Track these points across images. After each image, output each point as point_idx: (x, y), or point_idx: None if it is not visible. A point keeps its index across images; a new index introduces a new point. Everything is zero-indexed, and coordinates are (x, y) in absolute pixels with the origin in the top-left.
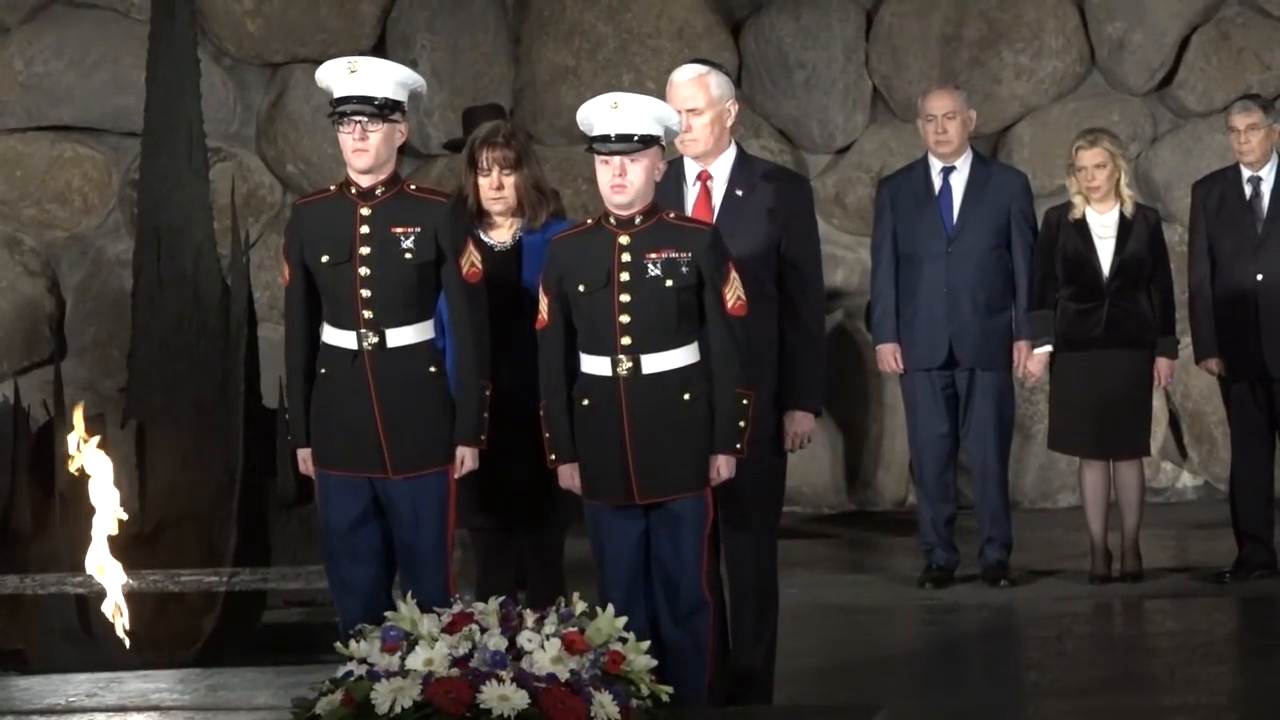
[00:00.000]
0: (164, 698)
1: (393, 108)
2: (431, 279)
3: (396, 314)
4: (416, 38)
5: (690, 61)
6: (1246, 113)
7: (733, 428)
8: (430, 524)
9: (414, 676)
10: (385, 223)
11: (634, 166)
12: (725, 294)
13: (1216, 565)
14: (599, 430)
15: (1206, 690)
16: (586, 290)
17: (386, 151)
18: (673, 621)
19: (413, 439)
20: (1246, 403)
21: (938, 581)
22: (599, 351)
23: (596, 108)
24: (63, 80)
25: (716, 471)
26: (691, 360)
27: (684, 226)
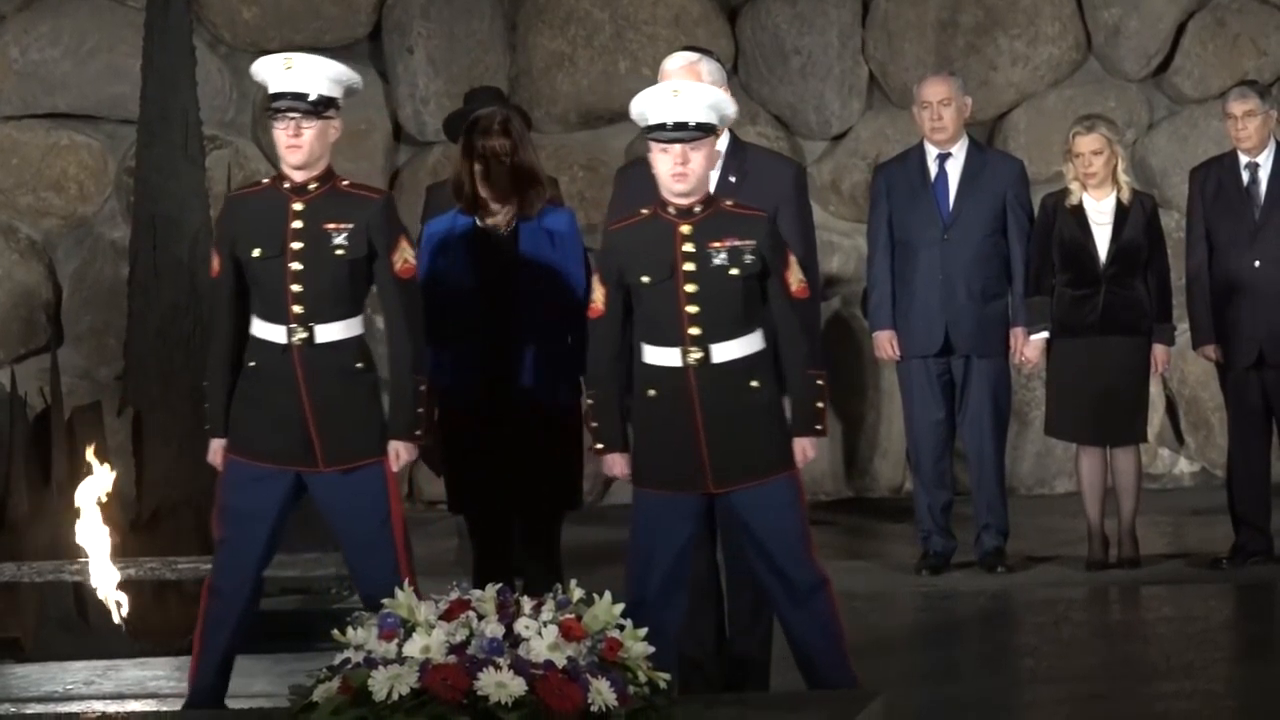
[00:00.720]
0: (161, 685)
1: (327, 104)
2: (363, 275)
3: (326, 310)
4: (412, 25)
5: (682, 49)
6: (1243, 99)
7: (811, 410)
8: (367, 513)
9: (411, 664)
10: (317, 218)
11: (695, 155)
12: (788, 278)
13: (1213, 551)
14: (668, 421)
15: (1203, 677)
16: (650, 282)
17: (320, 147)
18: (791, 603)
19: (343, 432)
20: (1243, 389)
21: (934, 568)
22: (666, 343)
23: (655, 96)
24: (58, 68)
25: (803, 455)
26: (758, 347)
27: (743, 214)
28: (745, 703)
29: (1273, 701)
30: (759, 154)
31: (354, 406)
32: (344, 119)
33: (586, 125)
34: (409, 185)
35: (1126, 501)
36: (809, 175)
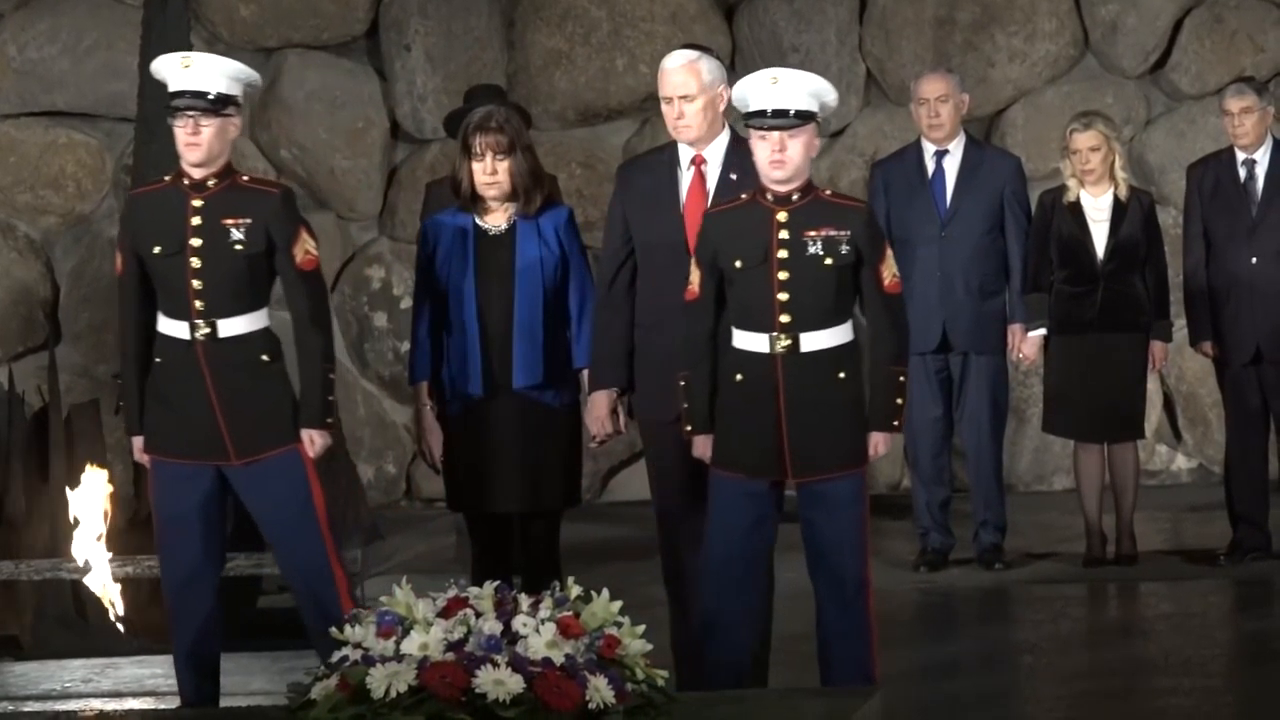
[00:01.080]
0: (159, 683)
1: (225, 102)
2: (264, 269)
3: (228, 304)
4: (409, 22)
5: (681, 47)
6: (1240, 96)
7: (890, 405)
8: (285, 502)
9: (409, 661)
10: (216, 214)
11: (793, 142)
12: (883, 271)
13: (1211, 548)
14: (751, 406)
15: (1201, 673)
16: (744, 266)
17: (219, 145)
18: (837, 601)
19: (252, 425)
20: (1241, 386)
21: (932, 565)
22: (756, 328)
23: (755, 83)
24: (56, 66)
25: (875, 449)
26: (847, 339)
27: (841, 204)
28: (743, 699)
29: (1271, 698)
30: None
31: (262, 398)
32: (342, 116)
33: (584, 122)
34: (407, 182)
35: (1124, 498)
36: None
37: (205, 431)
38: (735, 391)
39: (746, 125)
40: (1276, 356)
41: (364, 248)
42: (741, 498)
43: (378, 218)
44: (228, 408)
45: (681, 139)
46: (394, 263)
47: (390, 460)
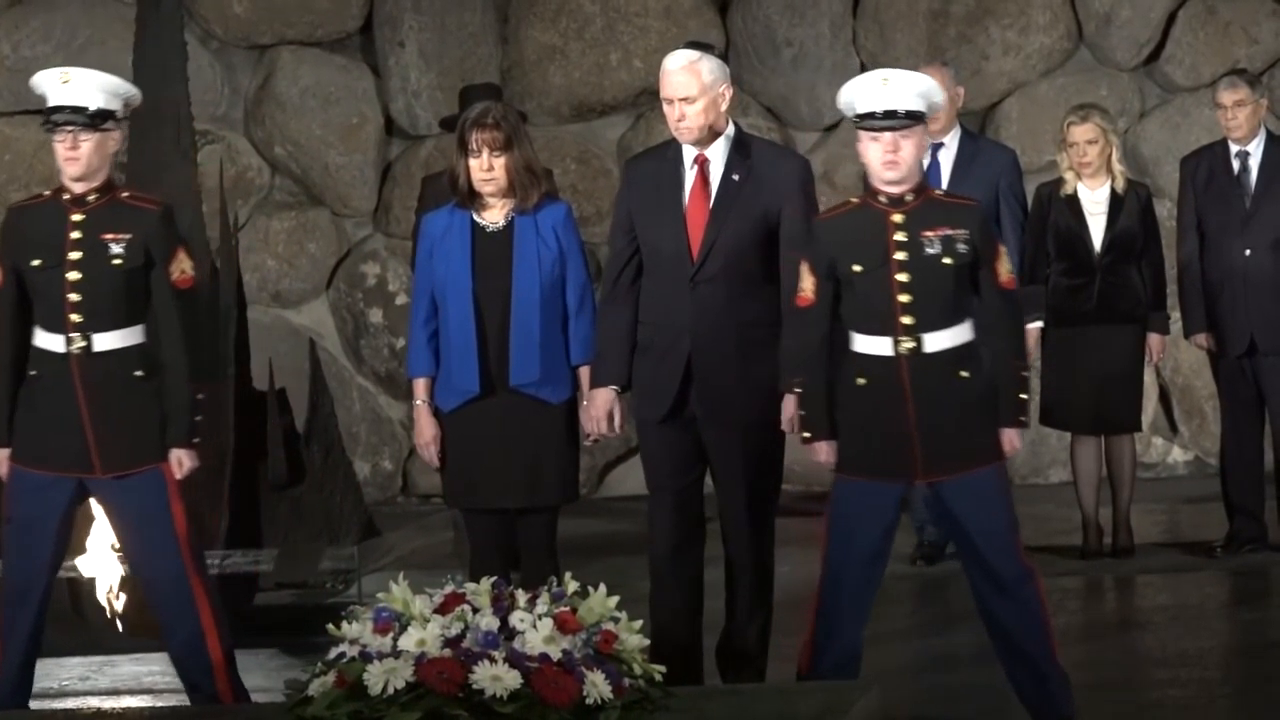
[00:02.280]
0: (157, 681)
1: (104, 117)
2: (141, 285)
3: (104, 319)
4: (403, 18)
5: (683, 46)
6: (1233, 89)
7: (1016, 401)
8: (147, 518)
9: (406, 657)
10: (96, 229)
11: (906, 143)
12: (998, 268)
13: (1207, 539)
14: (877, 410)
15: (1198, 665)
16: (863, 270)
17: (99, 159)
18: (997, 594)
19: (121, 439)
20: (1236, 377)
21: (929, 558)
22: (877, 332)
23: (863, 85)
24: (50, 63)
25: (1010, 444)
26: (968, 338)
27: (954, 203)
28: (740, 694)
29: (1268, 689)
30: (763, 149)
31: (133, 414)
32: (336, 112)
33: (579, 118)
34: (402, 179)
35: (1121, 490)
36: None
37: (73, 443)
38: (859, 396)
39: (856, 128)
40: (1271, 348)
41: (359, 244)
42: (867, 501)
43: (373, 214)
44: (98, 421)
45: (683, 140)
46: (389, 259)
47: (386, 456)
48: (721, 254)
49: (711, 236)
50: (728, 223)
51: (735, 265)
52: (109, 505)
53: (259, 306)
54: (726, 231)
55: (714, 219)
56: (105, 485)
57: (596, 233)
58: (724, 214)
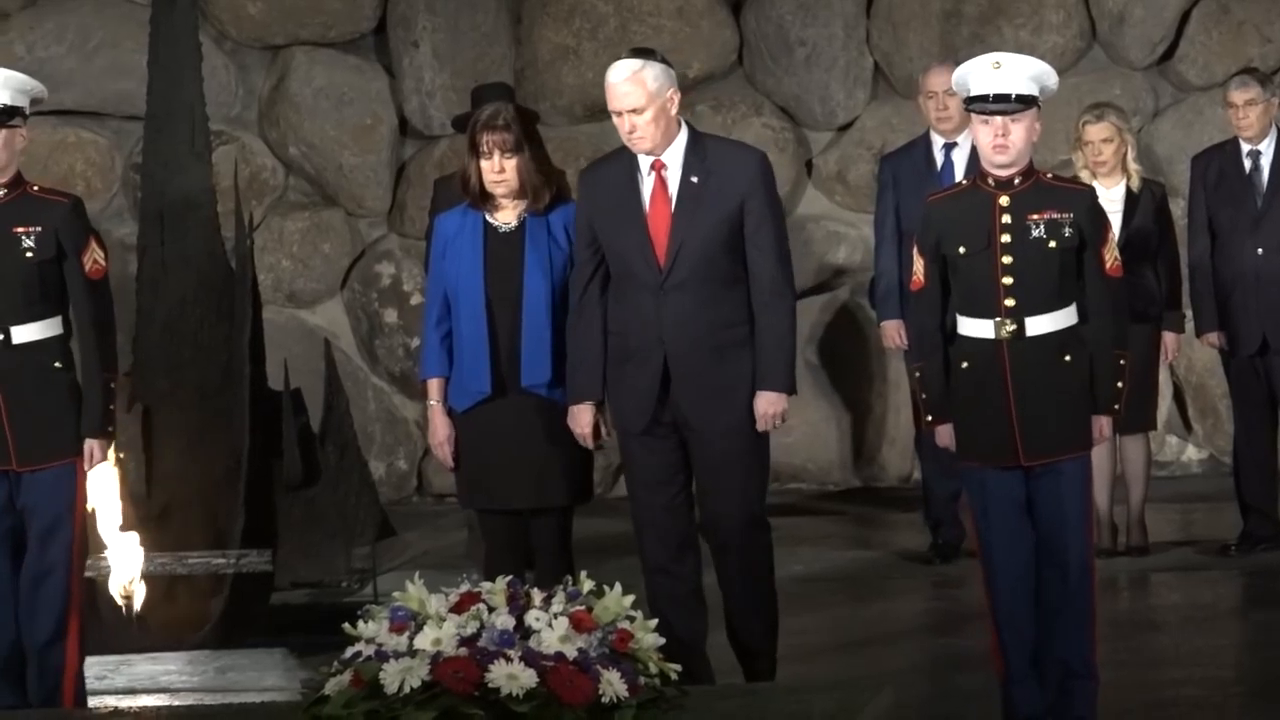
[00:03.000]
0: (173, 680)
1: (11, 114)
2: (54, 277)
3: (19, 311)
4: (417, 19)
5: (625, 57)
6: (1244, 88)
7: (1112, 389)
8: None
9: (422, 657)
10: (7, 222)
11: (1016, 126)
12: (1105, 255)
13: (1221, 538)
14: (980, 393)
15: (1212, 663)
16: (967, 252)
17: (7, 155)
18: (1060, 588)
19: (38, 432)
20: (1247, 377)
21: (944, 556)
22: (980, 314)
23: (977, 68)
24: (64, 65)
25: (1100, 432)
26: (1072, 322)
27: (1063, 187)
28: (754, 693)
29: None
30: (719, 147)
31: (49, 406)
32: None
33: (592, 118)
34: (415, 179)
35: (1135, 489)
36: (815, 167)
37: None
38: (964, 379)
39: (967, 109)
40: None
41: (373, 244)
42: (989, 485)
43: (387, 214)
44: (15, 415)
45: (637, 150)
46: (403, 259)
47: (401, 456)
48: (688, 259)
49: (676, 242)
50: (691, 227)
51: (703, 268)
52: (21, 495)
53: (274, 307)
54: (691, 236)
55: (676, 224)
56: (21, 479)
57: None
58: (686, 219)
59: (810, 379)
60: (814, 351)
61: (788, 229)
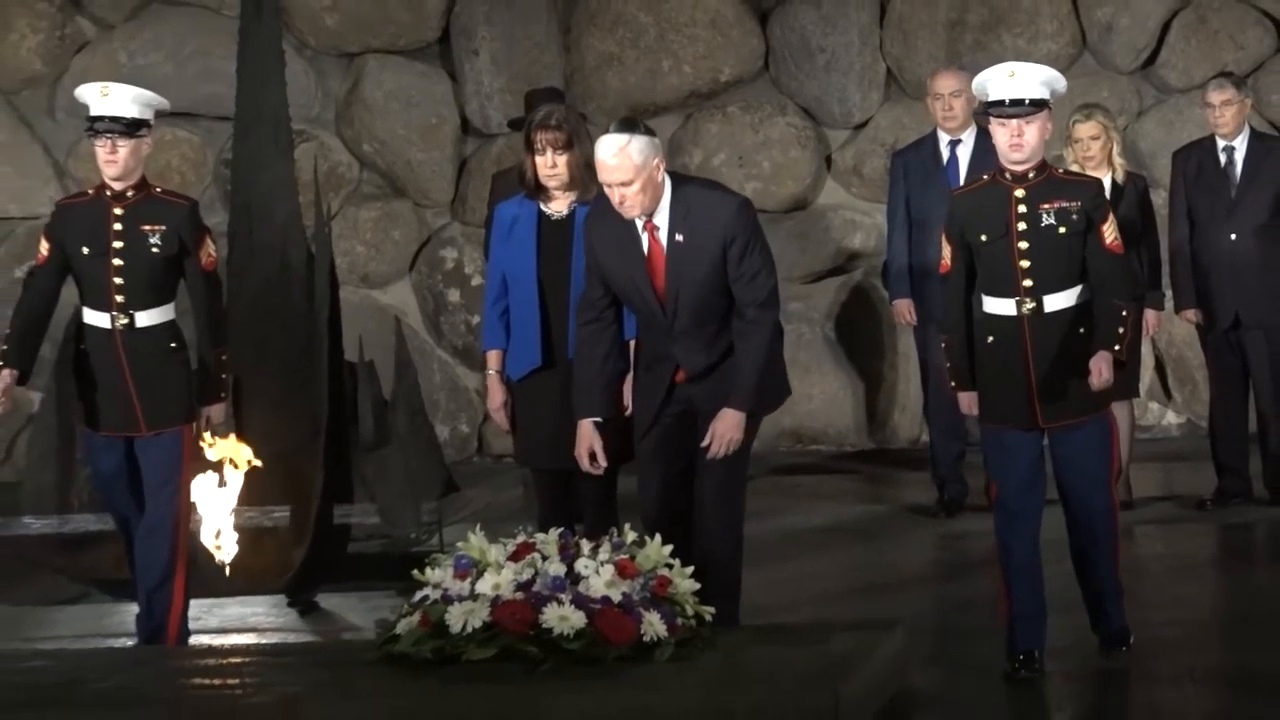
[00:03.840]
0: (261, 621)
1: (139, 125)
2: (173, 269)
3: (144, 298)
4: (477, 29)
5: (614, 128)
6: (1221, 90)
7: (1112, 332)
8: (165, 468)
9: (483, 600)
10: (135, 221)
11: (1029, 128)
12: (1104, 232)
13: (1198, 494)
14: (1003, 365)
15: (1191, 607)
16: (988, 240)
17: (134, 161)
18: (1087, 530)
19: (158, 402)
20: (1222, 349)
21: (949, 511)
22: (1003, 294)
23: (994, 75)
24: (161, 71)
25: (1099, 371)
26: (1085, 298)
27: (1071, 180)
28: (781, 631)
29: (1252, 629)
30: (700, 200)
31: (167, 380)
32: (417, 113)
33: None
34: (476, 173)
35: (1121, 450)
36: (833, 161)
37: (121, 408)
38: (989, 353)
39: (986, 113)
40: (1254, 322)
41: (438, 232)
42: (1006, 445)
43: (450, 205)
44: (140, 387)
45: (628, 216)
46: (465, 245)
47: (463, 421)
48: (687, 308)
49: (673, 295)
50: (683, 282)
51: (703, 313)
52: (142, 457)
53: (349, 288)
54: (685, 289)
55: (669, 280)
56: (144, 442)
57: None
58: (677, 274)
59: (828, 352)
60: (832, 328)
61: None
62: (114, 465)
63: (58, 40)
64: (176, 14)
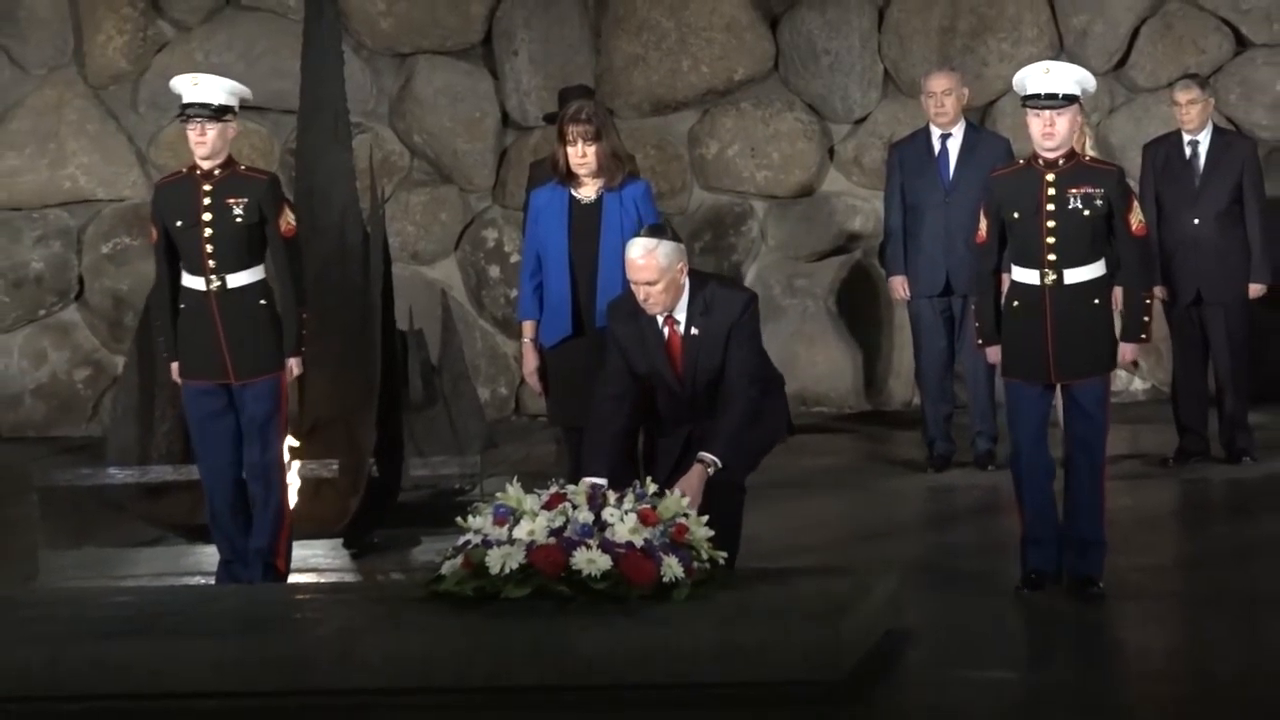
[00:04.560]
0: (320, 562)
1: (225, 111)
2: (258, 236)
3: (232, 262)
4: (516, 32)
5: (643, 234)
6: (1187, 89)
7: (1138, 322)
8: (263, 413)
9: (519, 545)
10: (221, 195)
11: (1060, 119)
12: (1130, 219)
13: (1162, 453)
14: (1026, 327)
15: (1153, 553)
16: (1020, 217)
17: (221, 143)
18: (1082, 476)
19: (249, 354)
20: (1185, 323)
21: (938, 467)
22: (1029, 265)
23: (1031, 72)
24: (234, 69)
25: (1124, 357)
26: (1101, 273)
27: (1097, 168)
28: (786, 574)
29: (1208, 570)
30: (714, 295)
31: (257, 333)
32: (462, 108)
33: (657, 113)
34: (515, 161)
35: None
36: (836, 153)
37: (215, 359)
38: (1014, 315)
39: (1023, 105)
40: (1214, 299)
41: (480, 214)
42: (1023, 395)
43: (491, 190)
44: (231, 341)
45: (651, 312)
46: (504, 226)
47: (502, 384)
48: (703, 387)
49: (690, 378)
50: (699, 369)
51: (716, 391)
52: (239, 403)
53: (400, 264)
54: (700, 374)
55: (686, 367)
56: (239, 390)
57: (670, 205)
58: (693, 363)
59: (830, 324)
60: (833, 302)
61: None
62: (206, 412)
63: (141, 41)
64: (248, 17)
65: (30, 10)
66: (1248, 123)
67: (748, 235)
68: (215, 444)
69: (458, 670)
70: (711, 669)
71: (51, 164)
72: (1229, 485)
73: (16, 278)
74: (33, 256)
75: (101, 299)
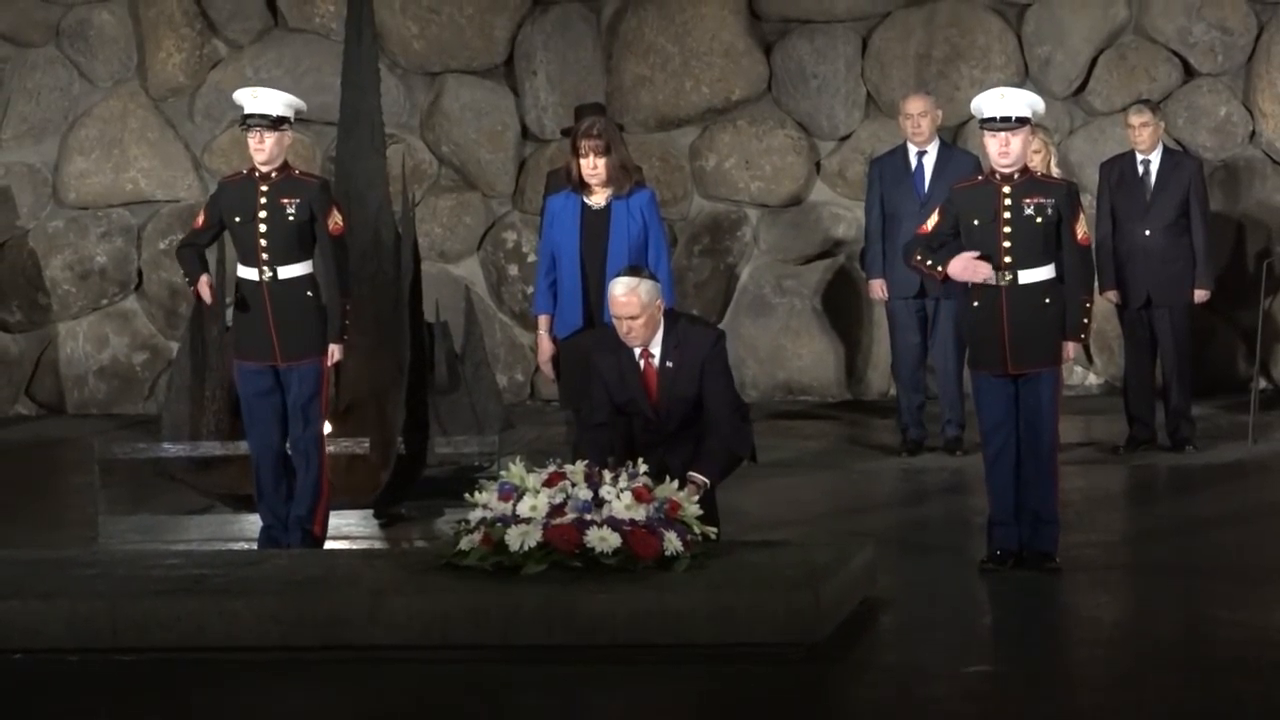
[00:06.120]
0: (351, 530)
1: (282, 121)
2: (308, 233)
3: (284, 256)
4: (536, 54)
5: (625, 274)
6: (1140, 114)
7: (1078, 321)
8: (305, 393)
9: (536, 524)
10: (277, 195)
11: (1014, 139)
12: (1076, 229)
13: (1113, 441)
14: (985, 323)
15: (1104, 530)
16: (980, 224)
17: (277, 149)
18: (1034, 460)
19: (294, 338)
20: (1136, 323)
21: (911, 451)
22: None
23: (988, 98)
24: (281, 84)
25: (1067, 353)
26: (1052, 275)
27: (1049, 182)
28: (772, 545)
29: (1153, 546)
30: (686, 332)
31: (304, 320)
32: (485, 122)
33: (661, 128)
34: (533, 171)
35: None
36: (822, 166)
37: (264, 343)
38: (975, 313)
39: (981, 127)
40: (1162, 302)
41: (501, 218)
42: (986, 385)
43: (511, 196)
44: (279, 326)
45: (631, 345)
46: (523, 229)
47: (519, 371)
48: (677, 417)
49: (665, 408)
50: (672, 400)
51: (688, 420)
52: (287, 384)
53: (428, 262)
54: (673, 405)
55: (661, 396)
56: (284, 371)
57: (672, 211)
58: (669, 392)
59: (815, 321)
60: (818, 301)
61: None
62: (256, 390)
63: (197, 58)
64: (294, 38)
65: (99, 30)
66: (1194, 144)
67: (742, 240)
68: (262, 420)
69: (475, 629)
70: (704, 630)
71: (115, 168)
72: (1173, 470)
73: (83, 270)
74: (97, 251)
75: (159, 290)
